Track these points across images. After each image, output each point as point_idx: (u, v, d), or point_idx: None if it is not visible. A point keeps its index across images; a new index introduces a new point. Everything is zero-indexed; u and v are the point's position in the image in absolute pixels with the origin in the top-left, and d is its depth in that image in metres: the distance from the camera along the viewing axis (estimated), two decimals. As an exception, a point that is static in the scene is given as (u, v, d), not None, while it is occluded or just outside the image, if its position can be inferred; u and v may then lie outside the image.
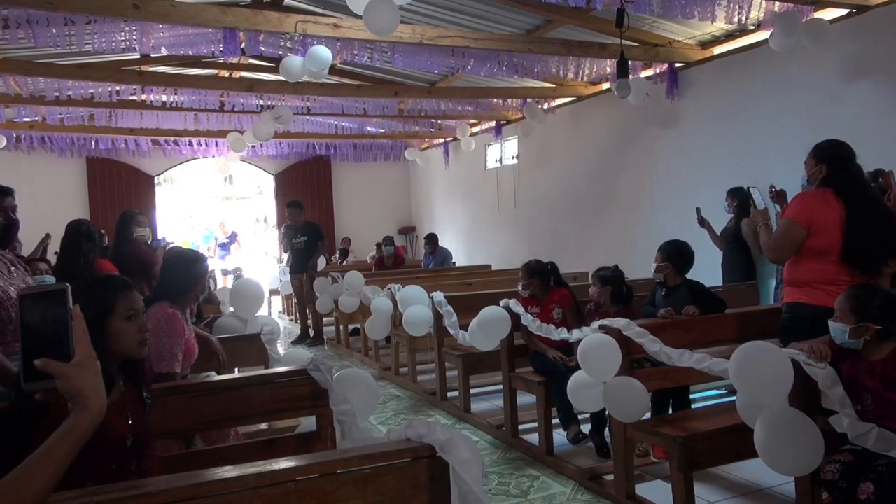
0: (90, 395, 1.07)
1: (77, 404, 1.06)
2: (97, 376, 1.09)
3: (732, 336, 3.51)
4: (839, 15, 5.79)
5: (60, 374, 1.04)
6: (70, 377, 1.04)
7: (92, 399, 1.07)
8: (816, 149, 3.22)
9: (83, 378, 1.06)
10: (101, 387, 1.09)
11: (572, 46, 6.87)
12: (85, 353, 1.08)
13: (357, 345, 7.74)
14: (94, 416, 1.08)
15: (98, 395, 1.08)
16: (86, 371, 1.07)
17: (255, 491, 1.42)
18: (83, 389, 1.06)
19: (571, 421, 4.04)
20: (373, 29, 4.53)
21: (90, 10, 5.10)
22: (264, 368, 3.42)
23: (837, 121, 5.65)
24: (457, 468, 1.56)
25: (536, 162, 10.39)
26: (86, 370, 1.07)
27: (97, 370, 1.10)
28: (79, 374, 1.05)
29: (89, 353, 1.09)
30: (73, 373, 1.05)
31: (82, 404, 1.06)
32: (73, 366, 1.05)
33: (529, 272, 4.37)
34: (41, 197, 10.61)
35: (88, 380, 1.07)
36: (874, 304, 2.53)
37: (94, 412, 1.08)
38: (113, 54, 6.94)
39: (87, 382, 1.07)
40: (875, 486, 2.28)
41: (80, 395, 1.06)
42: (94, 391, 1.08)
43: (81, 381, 1.05)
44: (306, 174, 13.93)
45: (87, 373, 1.07)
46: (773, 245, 3.23)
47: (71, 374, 1.04)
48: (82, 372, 1.06)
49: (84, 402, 1.06)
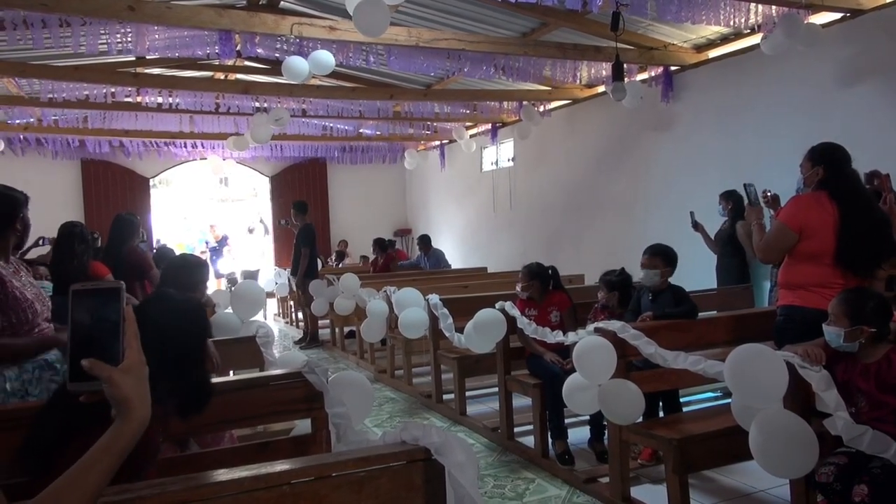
0: (136, 403, 1.01)
1: (122, 412, 1.00)
2: (144, 384, 1.03)
3: (727, 339, 3.52)
4: (833, 19, 5.82)
5: (108, 378, 0.98)
6: (117, 382, 0.99)
7: (138, 408, 1.01)
8: (812, 151, 3.23)
9: (130, 384, 1.00)
10: (147, 395, 1.03)
11: (567, 49, 6.89)
12: (135, 359, 1.02)
13: (352, 347, 7.72)
14: (138, 426, 1.02)
15: (144, 403, 1.02)
16: (134, 377, 1.01)
17: (250, 494, 1.41)
18: (130, 396, 1.00)
19: (561, 435, 3.99)
20: (362, 29, 4.53)
21: (85, 12, 5.09)
22: (259, 371, 3.41)
23: (832, 124, 5.68)
24: (452, 471, 1.56)
25: (532, 165, 10.41)
26: (134, 376, 1.01)
27: (145, 377, 1.04)
28: (126, 380, 1.00)
29: (139, 358, 1.03)
30: (120, 378, 0.99)
31: (127, 412, 1.00)
32: (122, 370, 0.99)
33: (530, 274, 4.38)
34: (35, 199, 10.25)
35: (136, 387, 1.01)
36: (868, 307, 2.54)
37: (139, 422, 1.01)
38: (108, 56, 6.92)
39: (135, 389, 1.01)
40: (869, 489, 2.28)
41: (126, 403, 1.00)
42: (141, 399, 1.02)
43: (128, 387, 1.00)
44: (302, 176, 13.92)
45: (134, 379, 1.01)
46: (764, 246, 3.25)
47: (118, 379, 0.99)
48: (130, 378, 1.00)
49: (130, 410, 1.00)
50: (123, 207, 10.11)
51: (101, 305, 1.00)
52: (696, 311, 3.75)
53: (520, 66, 7.35)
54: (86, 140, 11.05)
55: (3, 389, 2.43)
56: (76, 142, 11.22)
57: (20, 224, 2.69)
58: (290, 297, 10.39)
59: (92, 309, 0.99)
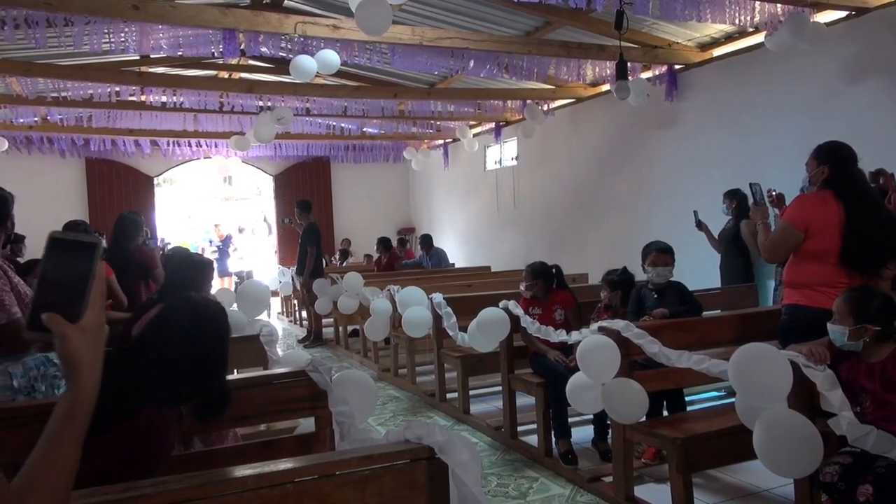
0: (86, 365, 0.95)
1: (70, 373, 0.95)
2: (98, 348, 0.97)
3: (731, 338, 3.51)
4: (838, 17, 5.80)
5: (61, 335, 0.92)
6: (70, 340, 0.93)
7: (87, 371, 0.95)
8: (818, 150, 3.22)
9: (83, 345, 0.94)
10: (99, 361, 0.97)
11: (571, 48, 6.88)
12: (93, 319, 0.96)
13: (356, 346, 7.73)
14: (89, 392, 0.96)
15: (94, 369, 0.96)
16: (89, 338, 0.95)
17: (254, 492, 1.41)
18: (80, 357, 0.94)
19: (564, 434, 3.99)
20: (364, 28, 4.54)
21: (89, 11, 5.10)
22: (263, 370, 3.42)
23: (836, 123, 5.66)
24: (456, 469, 1.56)
25: (535, 163, 10.40)
26: (89, 337, 0.95)
27: (100, 341, 0.98)
28: (80, 340, 0.94)
29: (99, 319, 0.97)
30: (74, 336, 0.93)
31: (76, 374, 0.95)
32: (78, 328, 0.94)
33: (534, 273, 4.37)
34: (40, 198, 10.60)
35: (88, 348, 0.95)
36: (872, 306, 2.53)
37: (89, 387, 0.95)
38: (112, 55, 6.94)
39: (87, 351, 0.95)
40: (874, 488, 2.27)
41: (75, 363, 0.94)
42: (91, 363, 0.96)
43: (80, 347, 0.94)
44: (306, 175, 13.93)
45: (89, 340, 0.95)
46: (769, 245, 3.24)
47: (72, 336, 0.93)
48: (84, 338, 0.94)
49: (78, 372, 0.95)
50: (128, 206, 10.13)
51: (75, 259, 0.95)
52: (701, 308, 3.76)
53: (524, 64, 7.34)
54: (90, 139, 11.09)
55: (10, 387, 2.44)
56: (81, 140, 11.26)
57: (10, 223, 2.70)
58: (293, 295, 10.41)
59: (65, 260, 0.95)
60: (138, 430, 1.65)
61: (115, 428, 1.61)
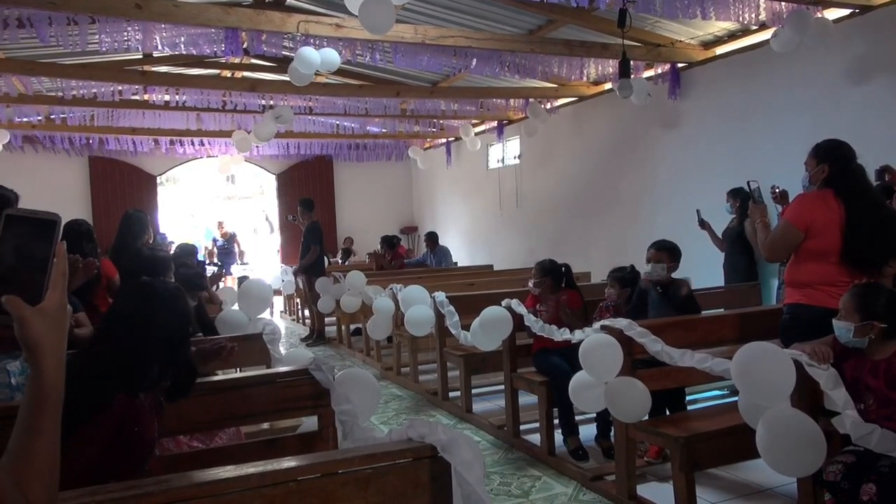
0: (47, 351, 0.89)
1: (32, 357, 0.89)
2: (61, 332, 0.91)
3: (734, 336, 3.51)
4: (842, 15, 5.77)
5: (20, 318, 0.86)
6: (29, 323, 0.87)
7: (48, 355, 0.89)
8: (817, 149, 3.21)
9: (43, 328, 0.88)
10: (61, 346, 0.91)
11: (574, 46, 6.87)
12: (55, 301, 0.89)
13: (359, 345, 7.73)
14: (53, 377, 0.90)
15: (56, 355, 0.90)
16: (50, 321, 0.89)
17: (257, 491, 1.42)
18: (40, 341, 0.88)
19: (572, 431, 4.01)
20: (368, 27, 4.54)
21: (93, 10, 5.11)
22: (266, 368, 3.42)
23: (840, 121, 5.64)
24: (458, 468, 1.56)
25: (538, 162, 10.39)
26: (50, 320, 0.89)
27: (63, 325, 0.92)
28: (40, 323, 0.88)
29: (61, 302, 0.90)
30: (33, 319, 0.87)
31: (38, 359, 0.89)
32: (38, 311, 0.88)
33: (543, 271, 4.37)
34: (43, 197, 10.50)
35: (49, 332, 0.89)
36: (879, 303, 2.52)
37: (51, 373, 0.90)
38: (115, 54, 6.94)
39: (47, 334, 0.88)
40: (877, 487, 2.27)
41: (34, 348, 0.88)
42: (53, 350, 0.89)
43: (40, 330, 0.88)
44: (308, 174, 13.94)
45: (50, 323, 0.89)
46: (769, 245, 3.24)
47: (31, 319, 0.87)
48: (45, 321, 0.88)
49: (40, 357, 0.89)
50: (131, 205, 10.11)
51: (34, 237, 0.89)
52: (698, 311, 3.81)
53: (526, 63, 7.33)
54: (93, 138, 11.10)
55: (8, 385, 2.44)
56: (84, 139, 11.27)
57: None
58: (296, 294, 10.40)
59: (23, 238, 0.89)
60: (116, 418, 1.72)
61: (93, 419, 1.66)
